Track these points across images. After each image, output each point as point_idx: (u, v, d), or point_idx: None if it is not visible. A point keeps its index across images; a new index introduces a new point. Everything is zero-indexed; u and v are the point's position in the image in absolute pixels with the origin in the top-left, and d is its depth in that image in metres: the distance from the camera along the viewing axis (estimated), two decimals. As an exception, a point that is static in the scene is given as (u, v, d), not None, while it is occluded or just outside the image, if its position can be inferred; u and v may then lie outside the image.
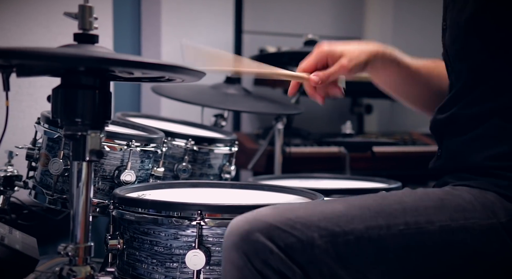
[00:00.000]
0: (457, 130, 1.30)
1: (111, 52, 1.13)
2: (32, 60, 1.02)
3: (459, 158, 1.30)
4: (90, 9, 1.15)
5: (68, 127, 1.10)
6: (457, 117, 1.30)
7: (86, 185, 1.13)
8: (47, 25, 2.33)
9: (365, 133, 3.68)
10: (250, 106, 2.30)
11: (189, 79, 1.17)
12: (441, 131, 1.36)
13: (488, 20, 1.22)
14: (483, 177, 1.23)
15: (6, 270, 1.14)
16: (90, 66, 1.08)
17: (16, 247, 1.18)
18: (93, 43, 1.15)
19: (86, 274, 1.12)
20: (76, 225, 1.13)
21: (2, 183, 1.73)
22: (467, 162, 1.28)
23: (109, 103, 1.14)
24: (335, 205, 1.14)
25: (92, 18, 1.15)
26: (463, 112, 1.28)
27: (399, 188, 1.99)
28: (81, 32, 1.15)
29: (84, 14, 1.15)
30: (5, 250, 1.14)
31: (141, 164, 1.62)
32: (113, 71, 1.13)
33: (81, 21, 1.15)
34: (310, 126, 3.49)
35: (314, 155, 2.95)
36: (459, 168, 1.30)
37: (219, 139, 1.96)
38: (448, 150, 1.34)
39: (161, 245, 1.29)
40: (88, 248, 1.14)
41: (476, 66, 1.27)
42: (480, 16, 1.23)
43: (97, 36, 1.16)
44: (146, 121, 2.01)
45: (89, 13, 1.15)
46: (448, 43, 1.34)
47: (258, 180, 2.05)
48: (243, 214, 1.09)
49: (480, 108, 1.25)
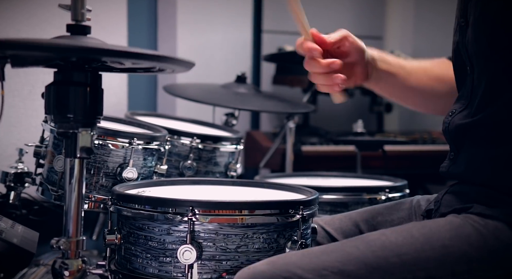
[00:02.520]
0: (485, 139, 1.21)
1: (102, 43, 1.16)
2: (24, 50, 1.06)
3: (485, 172, 1.20)
4: (82, 1, 1.18)
5: (61, 124, 1.15)
6: (487, 124, 1.20)
7: (78, 182, 1.17)
8: (43, 17, 2.37)
9: (384, 132, 3.69)
10: (260, 105, 2.33)
11: (178, 69, 1.20)
12: (461, 136, 1.26)
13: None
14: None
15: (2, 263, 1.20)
16: (81, 56, 1.12)
17: (13, 241, 1.23)
18: (85, 34, 1.18)
19: (77, 267, 1.17)
20: (69, 220, 1.17)
21: (13, 180, 1.80)
22: (497, 180, 1.18)
23: (100, 99, 1.18)
24: (331, 258, 1.11)
25: (84, 10, 1.18)
26: (494, 119, 1.19)
27: (405, 186, 2.01)
28: (74, 23, 1.18)
29: (77, 6, 1.18)
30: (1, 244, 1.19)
31: (144, 161, 1.66)
32: (105, 62, 1.16)
33: (74, 13, 1.18)
34: (329, 125, 3.52)
35: (329, 154, 2.97)
36: (485, 184, 1.20)
37: (224, 137, 1.99)
38: (472, 160, 1.23)
39: (155, 240, 1.33)
40: (80, 242, 1.18)
41: (507, 65, 1.17)
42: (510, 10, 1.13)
43: (89, 27, 1.19)
44: (155, 120, 2.05)
45: (81, 5, 1.18)
46: (471, 40, 1.24)
47: (265, 177, 2.09)
48: (245, 270, 1.13)
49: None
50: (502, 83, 1.19)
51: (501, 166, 1.18)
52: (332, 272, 1.08)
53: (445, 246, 1.11)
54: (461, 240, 1.11)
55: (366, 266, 1.09)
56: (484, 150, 1.21)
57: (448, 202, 1.27)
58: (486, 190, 1.19)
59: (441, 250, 1.10)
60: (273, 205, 1.32)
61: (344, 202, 1.89)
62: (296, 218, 1.32)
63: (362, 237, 1.18)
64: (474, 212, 1.17)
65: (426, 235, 1.14)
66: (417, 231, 1.15)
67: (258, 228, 1.30)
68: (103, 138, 1.60)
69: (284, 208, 1.32)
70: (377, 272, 1.08)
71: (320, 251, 1.16)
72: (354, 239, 1.18)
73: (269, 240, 1.31)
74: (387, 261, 1.10)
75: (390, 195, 1.91)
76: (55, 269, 1.15)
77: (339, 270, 1.08)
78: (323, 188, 1.90)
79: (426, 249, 1.11)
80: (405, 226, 1.19)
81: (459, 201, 1.23)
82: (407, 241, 1.13)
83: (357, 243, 1.15)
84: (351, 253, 1.12)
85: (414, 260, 1.09)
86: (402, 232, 1.16)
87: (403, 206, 1.49)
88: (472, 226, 1.14)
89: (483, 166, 1.21)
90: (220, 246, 1.29)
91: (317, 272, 1.08)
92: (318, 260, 1.11)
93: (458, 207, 1.22)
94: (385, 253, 1.11)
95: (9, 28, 2.29)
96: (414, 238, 1.13)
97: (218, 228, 1.29)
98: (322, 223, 1.53)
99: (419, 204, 1.46)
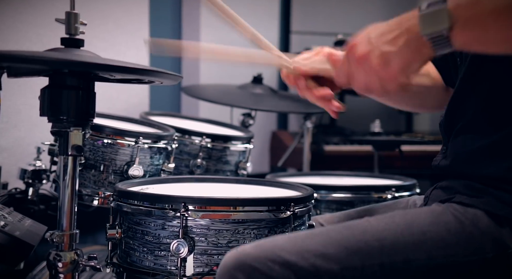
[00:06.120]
0: (469, 130, 1.23)
1: (94, 56, 1.23)
2: (19, 63, 1.13)
3: (470, 164, 1.22)
4: (76, 16, 1.25)
5: (55, 124, 1.21)
6: (469, 115, 1.22)
7: (71, 178, 1.24)
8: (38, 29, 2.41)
9: (412, 132, 3.68)
10: (276, 106, 2.37)
11: (167, 82, 1.26)
12: (450, 129, 1.28)
13: None
14: (497, 190, 1.16)
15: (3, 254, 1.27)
16: (73, 69, 1.19)
17: (15, 234, 1.31)
18: (78, 47, 1.25)
19: (71, 259, 1.23)
20: (62, 214, 1.24)
21: (31, 176, 1.88)
22: (480, 170, 1.19)
23: (92, 102, 1.24)
24: (315, 241, 1.14)
25: (78, 24, 1.25)
26: (475, 110, 1.21)
27: (414, 186, 2.02)
28: (68, 36, 1.25)
29: (70, 20, 1.24)
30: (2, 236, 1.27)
31: (151, 159, 1.72)
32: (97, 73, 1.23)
33: (67, 27, 1.25)
34: (357, 124, 3.52)
35: (350, 154, 2.99)
36: (469, 176, 1.22)
37: (234, 137, 2.04)
38: (457, 151, 1.26)
39: (151, 235, 1.39)
40: (74, 235, 1.24)
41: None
42: None
43: (83, 40, 1.26)
44: (170, 120, 2.12)
45: (75, 19, 1.25)
46: None
47: (276, 176, 2.12)
48: (233, 251, 1.16)
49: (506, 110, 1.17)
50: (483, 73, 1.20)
51: (484, 157, 1.19)
52: (314, 254, 1.12)
53: (424, 232, 1.14)
54: (439, 226, 1.14)
55: (347, 249, 1.12)
56: (469, 141, 1.22)
57: (435, 196, 1.29)
58: (470, 182, 1.21)
59: (419, 235, 1.13)
60: (263, 202, 1.36)
61: (350, 201, 1.91)
62: (287, 215, 1.36)
63: (347, 223, 1.21)
64: (455, 201, 1.20)
65: (407, 222, 1.17)
66: (400, 218, 1.19)
67: (249, 224, 1.34)
68: (111, 137, 1.68)
69: (274, 205, 1.36)
70: (356, 255, 1.12)
71: (305, 235, 1.20)
72: (339, 225, 1.21)
73: (260, 235, 1.35)
74: (367, 244, 1.13)
75: (397, 194, 1.93)
76: (50, 261, 1.22)
77: (321, 253, 1.12)
78: (330, 186, 1.93)
79: (405, 234, 1.13)
80: (389, 214, 1.22)
81: (445, 195, 1.26)
82: (388, 227, 1.16)
83: (341, 228, 1.19)
84: (334, 237, 1.15)
85: (393, 244, 1.12)
86: (385, 218, 1.20)
87: (399, 205, 1.52)
88: (452, 214, 1.16)
89: (467, 157, 1.23)
90: (211, 241, 1.34)
91: (300, 254, 1.12)
92: (303, 243, 1.15)
93: (443, 199, 1.25)
94: (366, 237, 1.14)
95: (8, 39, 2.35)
96: (395, 224, 1.16)
97: (210, 224, 1.34)
98: (322, 221, 1.57)
99: (415, 203, 1.48)
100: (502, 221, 1.14)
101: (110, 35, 2.61)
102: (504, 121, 1.17)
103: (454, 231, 1.13)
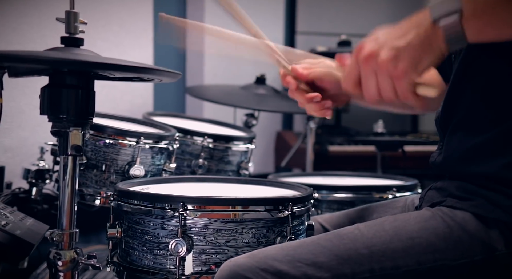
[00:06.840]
0: (462, 128, 1.22)
1: (92, 55, 1.24)
2: (18, 62, 1.15)
3: (464, 161, 1.21)
4: (75, 15, 1.26)
5: (54, 124, 1.23)
6: (462, 113, 1.22)
7: (71, 178, 1.25)
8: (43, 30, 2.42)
9: (418, 132, 3.68)
10: (279, 106, 2.38)
11: (166, 79, 1.27)
12: (445, 126, 1.28)
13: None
14: (488, 192, 1.16)
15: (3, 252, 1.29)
16: (71, 68, 1.20)
17: (15, 233, 1.33)
18: (78, 46, 1.26)
19: (70, 257, 1.25)
20: (62, 214, 1.25)
21: (34, 176, 1.90)
22: (474, 168, 1.19)
23: (92, 101, 1.25)
24: (306, 250, 1.16)
25: (77, 23, 1.26)
26: (468, 108, 1.21)
27: (415, 186, 2.02)
28: (67, 35, 1.26)
29: (70, 20, 1.25)
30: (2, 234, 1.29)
31: (152, 159, 1.74)
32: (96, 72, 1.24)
33: (67, 26, 1.26)
34: (362, 125, 3.52)
35: (354, 154, 2.99)
36: (462, 174, 1.22)
37: (236, 137, 2.05)
38: (450, 149, 1.25)
39: (150, 234, 1.40)
40: (73, 234, 1.26)
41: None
42: None
43: (82, 39, 1.27)
44: (173, 120, 2.13)
45: (74, 18, 1.25)
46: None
47: (278, 176, 2.13)
48: (227, 262, 1.18)
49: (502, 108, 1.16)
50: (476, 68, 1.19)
51: (478, 154, 1.19)
52: (305, 263, 1.14)
53: (412, 237, 1.15)
54: (428, 232, 1.15)
55: (337, 257, 1.14)
56: (464, 138, 1.22)
57: (429, 197, 1.30)
58: (462, 183, 1.21)
59: (408, 241, 1.14)
60: (261, 202, 1.37)
61: (351, 201, 1.92)
62: (285, 214, 1.37)
63: (337, 231, 1.23)
64: (446, 205, 1.21)
65: (396, 228, 1.17)
66: (389, 224, 1.19)
67: (247, 223, 1.35)
68: (113, 137, 1.69)
69: (272, 204, 1.37)
70: (347, 263, 1.13)
71: (297, 245, 1.21)
72: (330, 233, 1.22)
73: (259, 235, 1.36)
74: (357, 252, 1.14)
75: (398, 195, 1.93)
76: (49, 259, 1.23)
77: (312, 261, 1.14)
78: (331, 187, 1.94)
79: (394, 240, 1.15)
80: (379, 220, 1.23)
81: (439, 196, 1.26)
82: (378, 234, 1.17)
83: (331, 236, 1.20)
84: (325, 246, 1.17)
85: (382, 251, 1.14)
86: (374, 225, 1.21)
87: (397, 204, 1.53)
88: (441, 218, 1.17)
89: (461, 155, 1.22)
90: (210, 240, 1.35)
91: (292, 263, 1.14)
92: (295, 253, 1.17)
93: (436, 201, 1.25)
94: (356, 245, 1.16)
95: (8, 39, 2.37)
96: (384, 231, 1.17)
97: (208, 223, 1.35)
98: (321, 221, 1.58)
99: (413, 203, 1.49)
100: (490, 223, 1.14)
101: (114, 36, 2.63)
102: (498, 118, 1.17)
103: (442, 235, 1.14)
